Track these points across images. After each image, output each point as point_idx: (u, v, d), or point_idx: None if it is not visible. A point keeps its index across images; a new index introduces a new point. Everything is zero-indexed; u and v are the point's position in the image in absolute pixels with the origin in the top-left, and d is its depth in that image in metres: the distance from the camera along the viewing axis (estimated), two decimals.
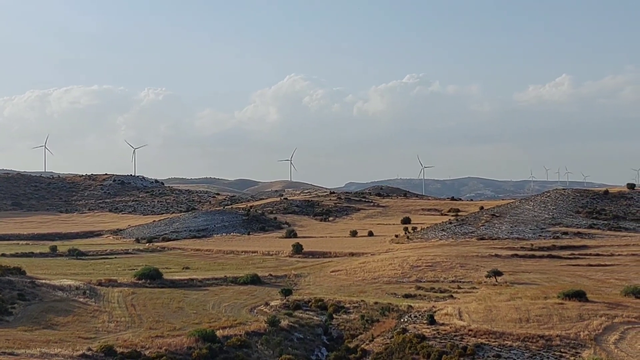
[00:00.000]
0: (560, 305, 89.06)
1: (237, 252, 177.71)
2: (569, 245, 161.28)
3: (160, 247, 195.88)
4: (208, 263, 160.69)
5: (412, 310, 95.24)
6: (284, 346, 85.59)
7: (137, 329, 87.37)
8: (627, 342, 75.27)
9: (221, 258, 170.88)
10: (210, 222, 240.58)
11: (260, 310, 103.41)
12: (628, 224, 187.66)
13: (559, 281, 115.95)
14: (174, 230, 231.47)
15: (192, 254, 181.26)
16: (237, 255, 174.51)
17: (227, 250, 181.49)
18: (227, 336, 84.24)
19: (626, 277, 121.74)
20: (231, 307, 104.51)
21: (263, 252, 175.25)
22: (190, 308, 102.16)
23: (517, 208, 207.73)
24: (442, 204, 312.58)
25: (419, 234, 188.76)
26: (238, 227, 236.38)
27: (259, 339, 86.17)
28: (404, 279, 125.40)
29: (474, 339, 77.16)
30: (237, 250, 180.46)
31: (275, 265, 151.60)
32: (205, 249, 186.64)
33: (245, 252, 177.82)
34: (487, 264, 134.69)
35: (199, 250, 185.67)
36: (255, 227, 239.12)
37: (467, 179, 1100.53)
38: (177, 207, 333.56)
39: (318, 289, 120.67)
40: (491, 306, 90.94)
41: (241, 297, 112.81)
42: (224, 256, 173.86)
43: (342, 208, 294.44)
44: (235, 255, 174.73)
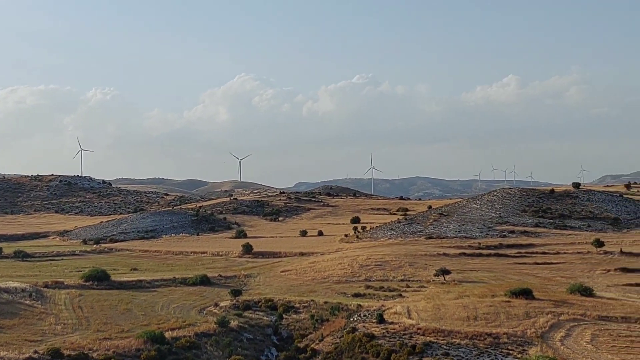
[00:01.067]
0: (507, 303, 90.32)
1: (187, 253, 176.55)
2: (516, 243, 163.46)
3: (107, 248, 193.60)
4: (157, 264, 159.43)
5: (361, 310, 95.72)
6: (233, 347, 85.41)
7: (85, 332, 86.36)
8: (573, 339, 76.55)
9: (170, 259, 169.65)
10: (159, 223, 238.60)
11: (209, 311, 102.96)
12: (573, 222, 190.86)
13: (506, 279, 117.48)
14: (121, 231, 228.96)
15: (141, 255, 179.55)
16: (187, 256, 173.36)
17: (176, 251, 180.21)
18: (176, 337, 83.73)
19: (572, 275, 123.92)
20: (180, 308, 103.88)
21: (213, 253, 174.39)
22: (138, 310, 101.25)
23: (465, 207, 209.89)
24: (391, 204, 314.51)
25: (368, 234, 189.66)
26: (187, 228, 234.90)
27: (208, 339, 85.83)
28: (354, 279, 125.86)
29: (423, 338, 77.75)
30: (187, 251, 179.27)
31: (224, 266, 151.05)
32: (154, 250, 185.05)
33: (194, 252, 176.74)
34: (435, 262, 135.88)
35: (147, 251, 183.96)
36: (205, 228, 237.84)
37: (416, 179, 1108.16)
38: (125, 207, 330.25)
39: (268, 289, 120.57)
40: (439, 305, 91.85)
41: (190, 298, 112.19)
42: (173, 257, 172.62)
43: (292, 208, 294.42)
44: (185, 256, 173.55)
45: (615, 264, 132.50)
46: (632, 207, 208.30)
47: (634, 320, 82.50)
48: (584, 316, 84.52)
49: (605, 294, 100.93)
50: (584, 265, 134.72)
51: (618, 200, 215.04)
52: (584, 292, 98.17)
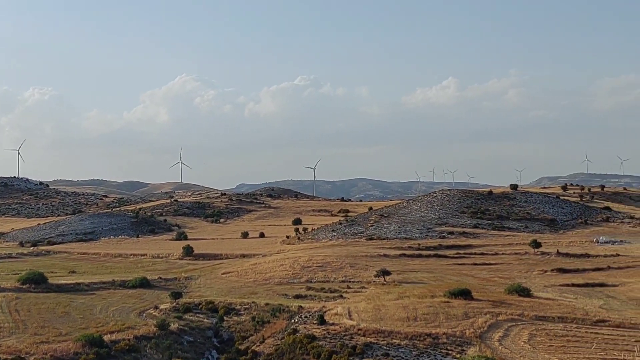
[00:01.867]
0: (446, 304, 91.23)
1: (126, 255, 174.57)
2: (455, 244, 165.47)
3: (45, 250, 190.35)
4: (95, 267, 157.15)
5: (302, 311, 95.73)
6: (173, 349, 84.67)
7: (22, 335, 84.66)
8: (511, 339, 77.61)
9: (109, 261, 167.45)
10: (98, 225, 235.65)
11: (149, 314, 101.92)
12: (511, 223, 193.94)
13: (445, 280, 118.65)
14: (59, 233, 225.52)
15: (79, 257, 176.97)
16: (126, 258, 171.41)
17: (116, 254, 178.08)
18: (115, 341, 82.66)
19: (510, 275, 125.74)
20: (119, 311, 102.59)
21: (152, 255, 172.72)
22: (76, 313, 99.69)
23: (405, 208, 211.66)
24: (332, 205, 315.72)
25: (309, 235, 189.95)
26: (127, 230, 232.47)
27: (148, 342, 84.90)
28: (295, 280, 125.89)
29: (363, 338, 78.07)
30: (126, 254, 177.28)
31: (165, 268, 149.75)
32: (93, 252, 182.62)
33: (134, 255, 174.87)
34: (376, 263, 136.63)
35: (85, 254, 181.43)
36: (145, 230, 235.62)
37: (357, 180, 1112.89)
38: (63, 209, 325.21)
39: (209, 291, 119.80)
40: (380, 305, 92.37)
41: (130, 301, 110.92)
42: (112, 259, 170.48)
43: (233, 209, 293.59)
44: (124, 258, 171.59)
45: (552, 265, 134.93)
46: (569, 208, 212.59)
47: (570, 320, 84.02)
48: (521, 316, 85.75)
49: (542, 294, 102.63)
50: (521, 265, 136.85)
51: (555, 201, 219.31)
52: (521, 292, 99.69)
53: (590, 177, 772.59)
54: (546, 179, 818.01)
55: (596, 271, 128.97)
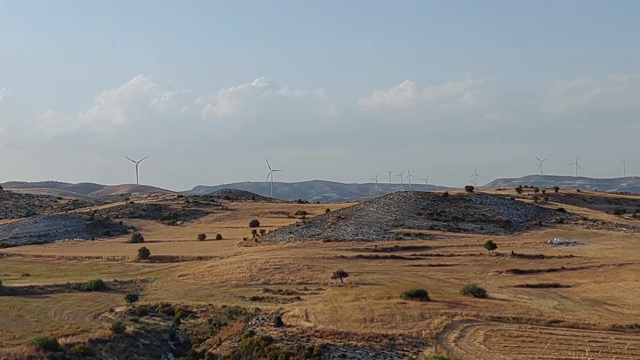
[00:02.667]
0: (403, 305, 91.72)
1: (81, 258, 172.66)
2: (411, 246, 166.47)
3: None
4: (50, 269, 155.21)
5: (259, 313, 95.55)
6: (129, 353, 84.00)
7: None
8: (467, 339, 78.29)
9: (64, 264, 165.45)
10: (52, 227, 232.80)
11: (105, 317, 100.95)
12: (467, 225, 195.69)
13: (401, 281, 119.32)
14: (13, 235, 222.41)
15: (33, 260, 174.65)
16: (81, 261, 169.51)
17: (70, 256, 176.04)
18: (70, 344, 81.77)
19: (465, 276, 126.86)
20: (74, 315, 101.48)
21: (108, 258, 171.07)
22: (31, 316, 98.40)
23: (362, 210, 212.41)
24: (289, 207, 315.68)
25: (267, 237, 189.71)
26: (82, 232, 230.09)
27: (103, 346, 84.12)
28: (252, 282, 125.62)
29: (320, 340, 78.17)
30: (81, 256, 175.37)
31: (120, 271, 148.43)
32: (47, 255, 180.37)
33: (89, 257, 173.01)
34: (333, 265, 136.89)
35: (40, 257, 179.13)
36: (100, 232, 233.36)
37: (314, 182, 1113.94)
38: (16, 212, 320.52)
39: (165, 294, 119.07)
40: (337, 307, 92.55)
41: (85, 304, 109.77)
42: (67, 262, 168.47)
43: (190, 212, 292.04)
44: (79, 261, 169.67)
45: (507, 266, 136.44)
46: (523, 210, 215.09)
47: (524, 320, 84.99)
48: (477, 317, 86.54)
49: (497, 295, 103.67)
50: (477, 267, 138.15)
51: (509, 203, 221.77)
52: (477, 293, 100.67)
53: (544, 179, 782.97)
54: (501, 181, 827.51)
55: (550, 272, 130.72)
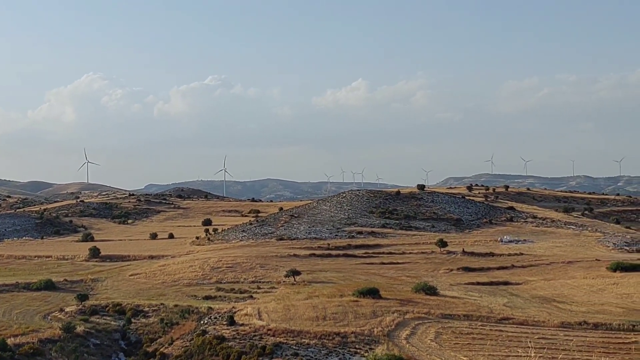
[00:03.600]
0: (355, 303, 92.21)
1: (30, 257, 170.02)
2: (364, 244, 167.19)
3: None
4: None
5: (212, 312, 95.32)
6: (79, 352, 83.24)
7: None
8: (418, 337, 78.98)
9: (12, 263, 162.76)
10: (1, 226, 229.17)
11: (54, 317, 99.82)
12: (418, 223, 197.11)
13: (354, 279, 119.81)
14: None
15: None
16: (30, 260, 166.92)
17: (19, 255, 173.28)
18: (19, 344, 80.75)
19: (417, 274, 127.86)
20: (23, 314, 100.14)
21: (58, 257, 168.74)
22: None
23: (315, 209, 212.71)
24: (242, 206, 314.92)
25: (219, 236, 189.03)
26: (31, 231, 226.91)
27: (53, 346, 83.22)
28: (205, 281, 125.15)
29: (273, 339, 78.27)
30: (30, 255, 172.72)
31: (70, 270, 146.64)
32: None
33: (38, 256, 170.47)
34: (286, 263, 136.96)
35: None
36: (50, 231, 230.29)
37: (267, 181, 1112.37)
38: None
39: (116, 294, 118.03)
40: (289, 305, 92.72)
41: (34, 304, 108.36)
42: (16, 261, 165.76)
43: (141, 210, 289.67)
44: (28, 260, 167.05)
45: (458, 264, 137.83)
46: (474, 208, 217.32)
47: (475, 318, 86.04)
48: (428, 314, 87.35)
49: (448, 292, 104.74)
50: (428, 264, 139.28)
51: (460, 201, 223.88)
52: (428, 291, 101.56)
53: (494, 177, 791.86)
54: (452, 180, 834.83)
55: (500, 270, 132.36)
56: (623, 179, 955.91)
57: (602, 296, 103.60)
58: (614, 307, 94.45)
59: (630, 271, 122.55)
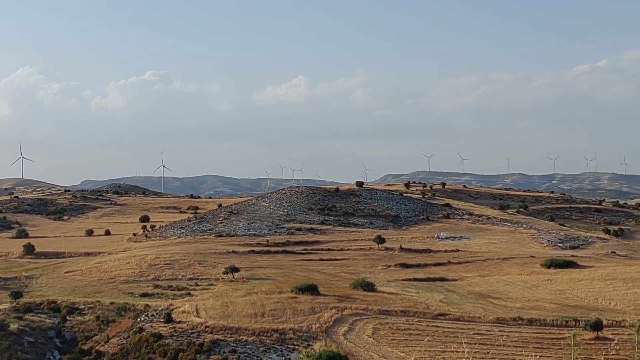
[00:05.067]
0: (293, 299, 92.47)
1: None
2: (303, 240, 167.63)
3: None
4: None
5: (149, 310, 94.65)
6: (13, 351, 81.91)
7: None
8: (356, 333, 79.60)
9: None
10: None
11: None
12: (357, 220, 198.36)
13: (293, 276, 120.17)
14: None
15: None
16: None
17: None
18: None
19: (355, 270, 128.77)
20: None
21: None
22: None
23: (254, 205, 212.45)
24: (181, 202, 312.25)
25: (157, 232, 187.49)
26: None
27: None
28: (142, 278, 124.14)
29: (211, 336, 78.10)
30: None
31: (4, 267, 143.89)
32: None
33: None
34: (224, 260, 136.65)
35: None
36: None
37: (207, 177, 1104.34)
38: None
39: (51, 291, 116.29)
40: (228, 302, 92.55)
41: None
42: None
43: (77, 207, 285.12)
44: None
45: (396, 260, 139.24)
46: (411, 205, 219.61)
47: (412, 313, 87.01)
48: (366, 310, 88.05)
49: (385, 288, 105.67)
50: (366, 261, 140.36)
51: (398, 198, 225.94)
52: (366, 287, 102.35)
53: (432, 174, 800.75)
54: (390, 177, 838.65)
55: (437, 266, 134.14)
56: (557, 177, 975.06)
57: (536, 292, 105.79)
58: (548, 303, 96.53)
59: (564, 268, 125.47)
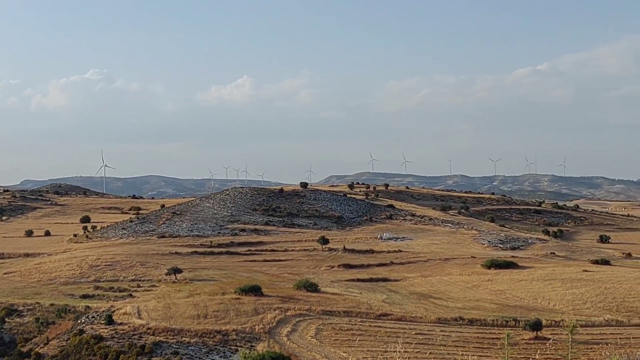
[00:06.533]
0: (237, 300, 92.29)
1: None
2: (247, 241, 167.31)
3: None
4: None
5: (90, 311, 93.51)
6: None
7: None
8: (299, 333, 79.76)
9: None
10: None
11: None
12: (301, 220, 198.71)
13: (236, 277, 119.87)
14: None
15: None
16: None
17: None
18: None
19: (298, 271, 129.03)
20: None
21: None
22: None
23: (198, 206, 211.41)
24: (123, 202, 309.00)
25: (99, 233, 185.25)
26: None
27: None
28: (83, 279, 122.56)
29: (153, 337, 77.50)
30: None
31: None
32: None
33: None
34: (167, 261, 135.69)
35: None
36: None
37: (149, 177, 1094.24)
38: None
39: None
40: (170, 303, 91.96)
41: None
42: None
43: (16, 207, 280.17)
44: None
45: (339, 261, 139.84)
46: (355, 206, 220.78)
47: (354, 314, 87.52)
48: (309, 311, 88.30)
49: (329, 289, 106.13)
50: (310, 262, 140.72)
51: (342, 199, 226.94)
52: (309, 287, 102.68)
53: (375, 176, 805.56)
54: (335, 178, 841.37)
55: (380, 266, 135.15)
56: (498, 179, 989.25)
57: (477, 292, 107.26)
58: (488, 303, 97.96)
59: (504, 268, 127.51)
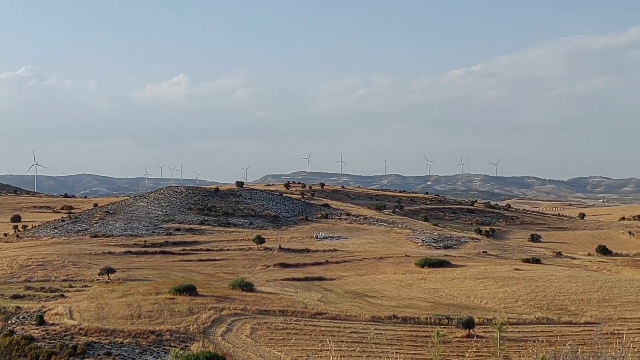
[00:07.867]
0: (171, 300, 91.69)
1: None
2: (181, 241, 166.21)
3: None
4: None
5: (20, 312, 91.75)
6: None
7: None
8: (234, 333, 79.67)
9: None
10: None
11: None
12: (237, 220, 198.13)
13: (171, 276, 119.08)
14: None
15: None
16: None
17: None
18: None
19: (234, 270, 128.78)
20: None
21: None
22: None
23: (132, 205, 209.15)
24: (55, 202, 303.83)
25: (30, 233, 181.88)
26: None
27: None
28: (13, 280, 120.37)
29: (85, 338, 76.54)
30: None
31: None
32: None
33: None
34: (100, 261, 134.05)
35: None
36: None
37: (82, 176, 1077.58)
38: None
39: None
40: (103, 304, 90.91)
41: None
42: None
43: None
44: None
45: (275, 260, 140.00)
46: (291, 205, 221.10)
47: (290, 313, 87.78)
48: (244, 311, 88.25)
49: (264, 288, 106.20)
50: (245, 261, 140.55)
51: (278, 199, 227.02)
52: (245, 287, 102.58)
53: (311, 175, 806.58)
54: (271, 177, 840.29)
55: (315, 265, 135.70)
56: (432, 178, 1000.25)
57: (411, 291, 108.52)
58: (422, 302, 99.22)
59: (437, 267, 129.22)
